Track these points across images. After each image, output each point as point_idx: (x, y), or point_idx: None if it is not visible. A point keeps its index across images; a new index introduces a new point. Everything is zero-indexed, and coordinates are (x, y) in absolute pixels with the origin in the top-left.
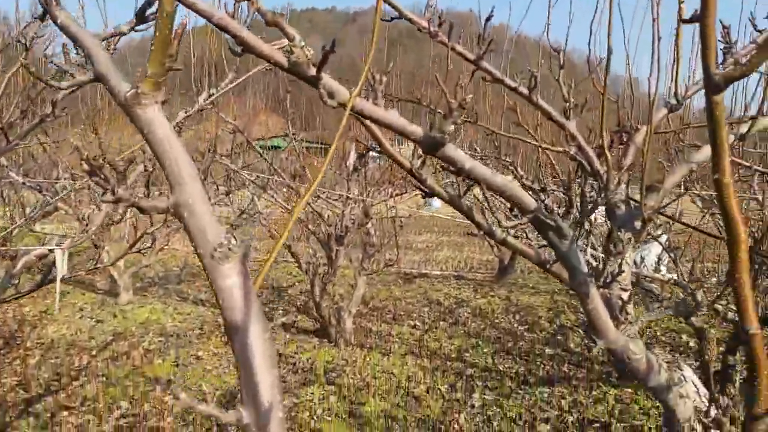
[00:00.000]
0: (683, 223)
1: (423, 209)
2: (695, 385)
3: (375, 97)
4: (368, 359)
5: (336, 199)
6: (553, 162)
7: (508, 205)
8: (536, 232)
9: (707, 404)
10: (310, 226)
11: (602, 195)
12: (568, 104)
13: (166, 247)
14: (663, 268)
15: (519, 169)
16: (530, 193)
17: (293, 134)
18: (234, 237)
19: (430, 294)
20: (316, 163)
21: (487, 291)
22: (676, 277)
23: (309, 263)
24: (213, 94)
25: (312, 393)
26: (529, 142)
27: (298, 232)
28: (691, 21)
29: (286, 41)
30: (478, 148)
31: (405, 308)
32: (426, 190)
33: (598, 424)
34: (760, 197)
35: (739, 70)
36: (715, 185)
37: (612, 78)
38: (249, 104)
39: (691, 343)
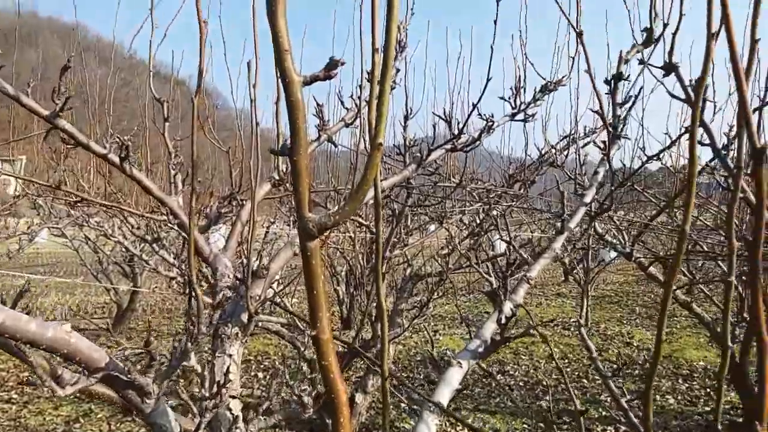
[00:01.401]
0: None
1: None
2: None
3: None
4: None
5: None
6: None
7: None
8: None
9: None
10: None
11: (194, 338)
12: (171, 153)
13: None
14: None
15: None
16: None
17: None
18: None
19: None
20: None
21: (103, 342)
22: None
23: None
24: None
25: None
26: (126, 210)
27: None
28: (281, 154)
29: None
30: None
31: None
32: None
33: None
34: (352, 235)
35: (332, 219)
36: (314, 342)
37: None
38: None
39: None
